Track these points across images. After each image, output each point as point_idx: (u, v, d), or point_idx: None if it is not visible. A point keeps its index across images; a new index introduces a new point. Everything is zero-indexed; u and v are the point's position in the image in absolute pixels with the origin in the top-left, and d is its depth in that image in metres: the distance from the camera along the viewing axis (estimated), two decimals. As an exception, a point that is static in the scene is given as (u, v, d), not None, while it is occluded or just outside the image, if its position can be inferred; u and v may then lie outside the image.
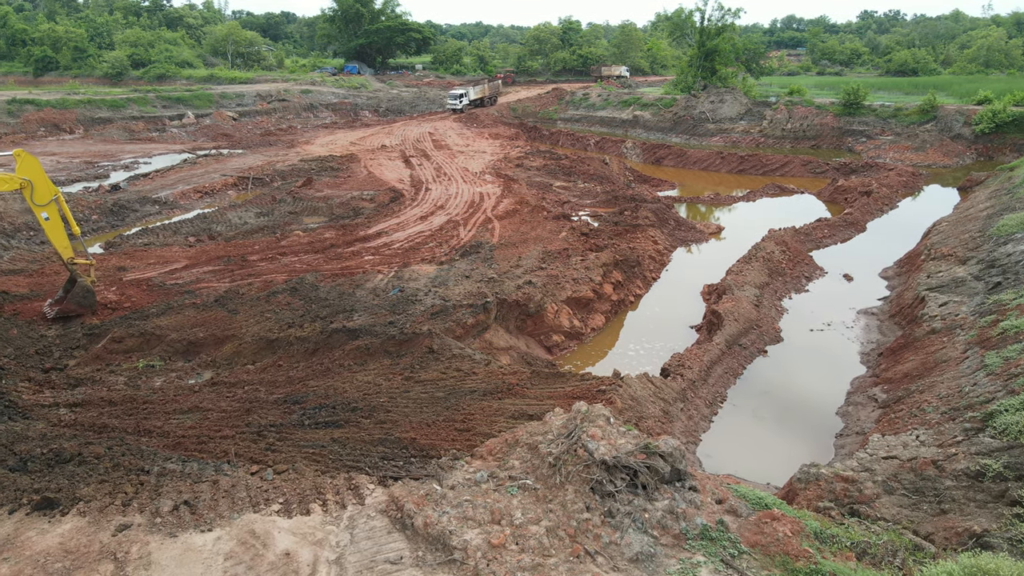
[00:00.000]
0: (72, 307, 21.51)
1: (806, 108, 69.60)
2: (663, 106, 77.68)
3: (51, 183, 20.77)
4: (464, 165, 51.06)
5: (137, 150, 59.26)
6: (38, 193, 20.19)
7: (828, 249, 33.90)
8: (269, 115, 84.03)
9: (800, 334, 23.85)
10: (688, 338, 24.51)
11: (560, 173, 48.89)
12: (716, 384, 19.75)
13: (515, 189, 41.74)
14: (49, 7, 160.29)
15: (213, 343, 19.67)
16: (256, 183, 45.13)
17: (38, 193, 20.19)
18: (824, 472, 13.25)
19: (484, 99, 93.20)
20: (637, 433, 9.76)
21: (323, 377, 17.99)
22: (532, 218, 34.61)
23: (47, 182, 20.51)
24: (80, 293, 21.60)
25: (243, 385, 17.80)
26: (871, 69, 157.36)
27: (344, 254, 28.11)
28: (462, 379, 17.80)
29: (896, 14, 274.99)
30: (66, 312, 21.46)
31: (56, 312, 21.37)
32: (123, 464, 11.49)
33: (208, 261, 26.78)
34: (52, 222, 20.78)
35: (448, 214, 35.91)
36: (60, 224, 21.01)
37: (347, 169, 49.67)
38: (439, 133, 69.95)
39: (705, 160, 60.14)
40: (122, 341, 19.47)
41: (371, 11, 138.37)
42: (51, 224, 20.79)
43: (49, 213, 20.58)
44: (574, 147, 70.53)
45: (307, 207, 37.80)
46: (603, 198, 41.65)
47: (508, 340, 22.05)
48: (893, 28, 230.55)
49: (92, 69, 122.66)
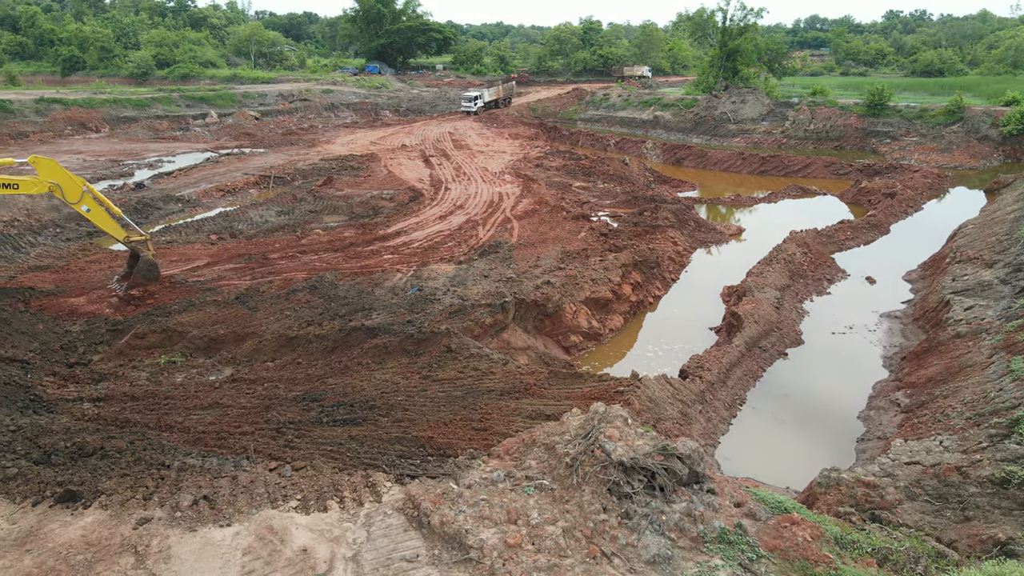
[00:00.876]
0: (139, 281, 22.66)
1: (829, 109, 68.83)
2: (684, 106, 77.23)
3: (75, 177, 21.38)
4: (484, 165, 51.12)
5: (161, 149, 59.99)
6: (68, 192, 20.87)
7: (851, 251, 33.49)
8: (291, 115, 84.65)
9: (821, 337, 23.58)
10: (707, 340, 24.33)
11: (580, 173, 48.79)
12: (735, 386, 19.58)
13: (534, 189, 41.70)
14: (77, 7, 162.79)
15: (233, 340, 19.85)
16: (277, 182, 45.50)
17: (68, 192, 20.87)
18: (845, 477, 13.09)
19: (498, 101, 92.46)
20: (655, 435, 9.69)
21: (342, 375, 18.09)
22: (551, 218, 34.56)
23: (71, 178, 21.12)
24: (144, 267, 22.79)
25: (262, 382, 17.93)
26: (896, 70, 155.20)
27: (363, 253, 28.26)
28: (480, 378, 17.81)
29: (922, 14, 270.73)
30: (134, 286, 22.49)
31: (125, 287, 22.48)
32: (144, 458, 11.63)
33: (229, 259, 27.06)
34: (94, 212, 21.68)
35: (467, 214, 35.97)
36: (102, 211, 21.91)
37: (367, 168, 49.92)
38: (459, 133, 70.08)
39: (726, 161, 59.69)
40: (145, 337, 19.70)
41: (392, 11, 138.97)
42: (94, 214, 21.69)
43: (87, 204, 21.37)
44: (594, 147, 70.32)
45: (327, 206, 38.05)
46: (623, 199, 41.49)
47: (526, 340, 22.03)
48: (919, 28, 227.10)
49: (118, 69, 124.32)
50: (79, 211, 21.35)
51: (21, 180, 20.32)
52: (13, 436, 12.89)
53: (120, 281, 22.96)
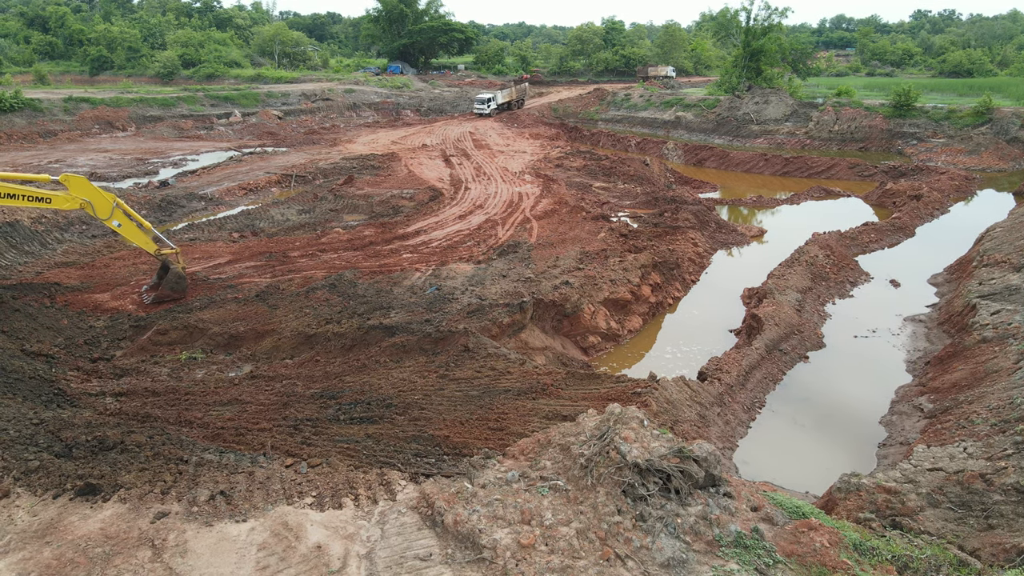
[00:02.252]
0: (167, 292, 23.00)
1: (854, 109, 68.00)
2: (706, 107, 76.71)
3: (104, 193, 21.66)
4: (504, 165, 51.13)
5: (185, 147, 60.75)
6: (99, 208, 21.16)
7: (875, 254, 33.03)
8: (313, 114, 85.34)
9: (844, 340, 23.27)
10: (727, 342, 24.12)
11: (600, 174, 48.64)
12: (755, 389, 19.39)
13: (554, 189, 41.63)
14: (105, 8, 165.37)
15: (253, 337, 20.02)
16: (299, 181, 45.87)
17: (99, 208, 21.16)
18: (865, 482, 12.88)
19: (511, 103, 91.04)
20: (671, 437, 9.60)
21: (359, 373, 18.16)
22: (571, 218, 34.47)
23: (101, 194, 21.40)
24: (173, 279, 23.07)
25: (281, 379, 18.07)
26: (924, 70, 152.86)
27: (383, 252, 28.39)
28: (496, 378, 17.79)
29: (951, 14, 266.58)
30: (161, 298, 22.90)
31: (153, 298, 22.96)
32: (163, 453, 11.74)
33: (250, 257, 27.31)
34: (125, 227, 22.00)
35: (487, 213, 35.99)
36: (132, 226, 22.26)
37: (388, 168, 50.16)
38: (479, 133, 70.19)
39: (748, 162, 59.19)
40: (166, 334, 19.94)
41: (415, 11, 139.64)
42: (125, 228, 22.02)
43: (118, 219, 21.68)
44: (615, 148, 70.07)
45: (348, 205, 38.28)
46: (643, 199, 41.28)
47: (544, 340, 21.98)
48: (948, 28, 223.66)
49: (145, 69, 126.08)
50: (110, 226, 21.66)
51: (54, 195, 20.64)
52: (36, 429, 13.09)
53: (149, 292, 23.39)
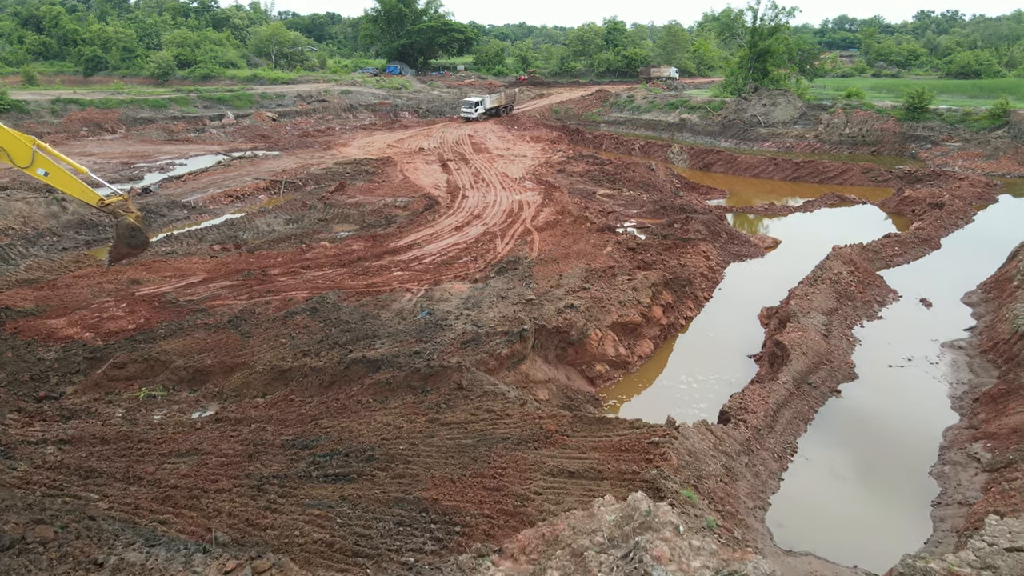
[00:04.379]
0: (123, 249, 19.88)
1: (865, 112, 65.79)
2: (712, 109, 74.45)
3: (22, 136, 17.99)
4: (503, 170, 48.99)
5: (174, 151, 58.63)
6: (15, 155, 17.54)
7: (899, 269, 30.87)
8: (309, 116, 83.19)
9: (877, 370, 21.10)
10: (747, 370, 22.00)
11: (604, 180, 46.48)
12: (784, 432, 17.23)
13: (556, 197, 39.48)
14: (101, 8, 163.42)
15: (221, 371, 17.88)
16: (288, 187, 43.73)
17: (15, 155, 17.54)
18: (935, 567, 10.73)
19: (500, 108, 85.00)
20: (714, 548, 7.46)
21: (338, 416, 16.02)
22: (574, 230, 32.30)
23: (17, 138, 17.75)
24: (126, 233, 19.43)
25: (250, 422, 15.93)
26: (930, 71, 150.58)
27: (371, 268, 26.17)
28: (493, 422, 15.66)
29: (954, 14, 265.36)
30: (117, 257, 20.19)
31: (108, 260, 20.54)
32: (72, 553, 9.46)
33: (227, 275, 25.07)
34: (54, 175, 18.15)
35: (485, 224, 33.81)
36: (63, 173, 18.34)
37: (382, 173, 48.01)
38: (479, 136, 68.03)
39: (757, 166, 57.00)
40: (124, 367, 17.81)
41: (414, 11, 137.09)
42: (54, 176, 18.16)
43: (43, 166, 17.87)
44: (618, 151, 67.91)
45: (338, 214, 36.12)
46: (650, 208, 39.14)
47: (546, 371, 19.85)
48: (952, 29, 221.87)
49: (139, 69, 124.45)
50: (36, 176, 17.98)
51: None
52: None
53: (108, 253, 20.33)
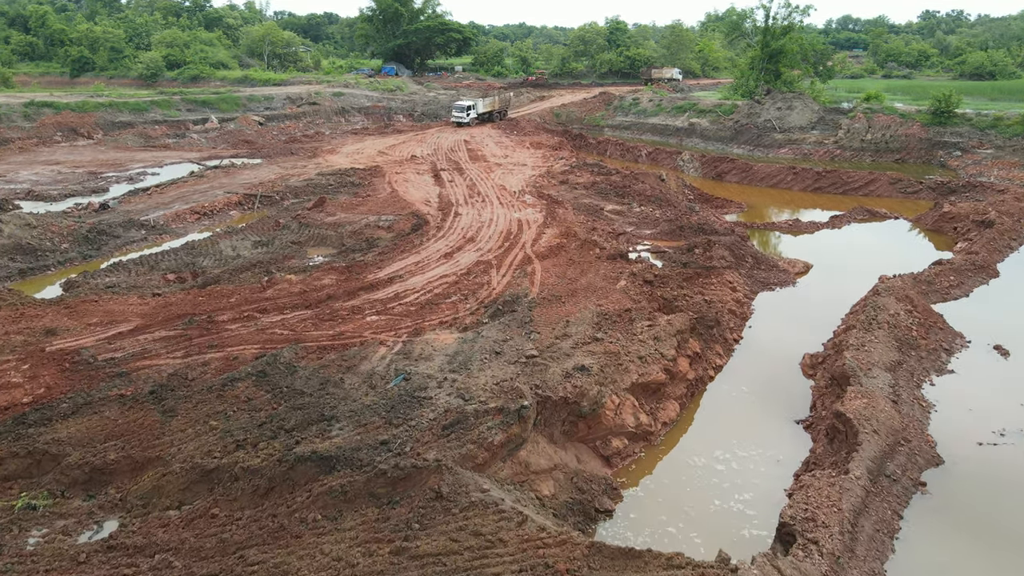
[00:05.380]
0: None
1: (888, 116, 61.57)
2: (722, 113, 70.15)
3: None
4: (501, 182, 44.83)
5: (148, 159, 54.50)
6: None
7: (958, 303, 26.68)
8: (298, 119, 79.02)
9: (965, 450, 16.87)
10: (796, 442, 17.89)
11: (611, 193, 42.30)
12: (868, 555, 13.03)
13: (560, 215, 35.33)
14: (91, 7, 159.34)
15: (128, 469, 13.71)
16: (264, 202, 39.57)
17: None
18: None
19: (493, 113, 79.41)
20: None
21: (272, 543, 11.86)
22: (581, 257, 28.13)
23: None
24: None
25: (152, 551, 11.79)
26: (941, 72, 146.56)
27: (341, 311, 21.87)
28: (482, 554, 11.54)
29: (959, 14, 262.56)
30: None
31: None
32: None
33: (165, 321, 20.72)
34: None
35: (479, 250, 29.59)
36: None
37: (368, 185, 43.84)
38: (475, 141, 63.88)
39: (774, 176, 52.79)
40: (1, 463, 13.65)
41: (410, 11, 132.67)
42: None
43: None
44: (623, 158, 63.76)
45: (314, 235, 31.95)
46: (665, 227, 34.97)
47: (551, 456, 15.70)
48: (959, 29, 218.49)
49: (127, 70, 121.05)
50: None
51: None
52: None
53: None
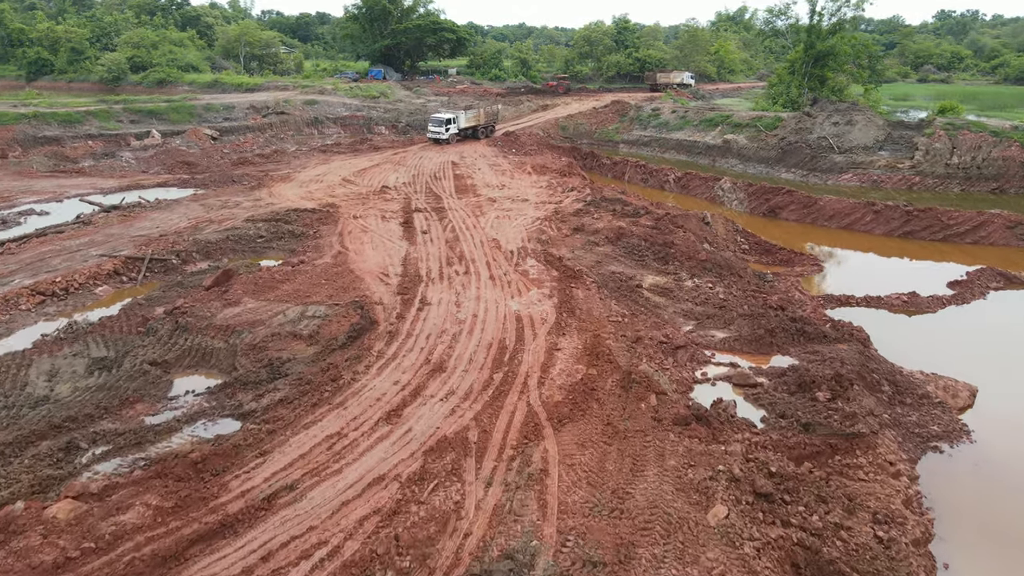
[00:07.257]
0: None
1: (976, 135, 49.48)
2: (763, 127, 58.08)
3: None
4: (495, 232, 32.87)
5: (48, 189, 42.55)
6: None
7: None
8: (261, 132, 67.14)
9: None
10: None
11: (647, 252, 30.23)
12: None
13: (580, 303, 23.40)
14: (59, 5, 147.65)
15: None
16: (155, 268, 27.69)
17: None
18: None
19: (478, 128, 65.43)
20: None
21: None
22: (626, 415, 16.08)
23: None
24: None
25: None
26: (977, 75, 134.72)
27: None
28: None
29: (975, 14, 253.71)
30: None
31: None
32: None
33: None
34: None
35: (449, 393, 17.54)
36: None
37: (312, 238, 31.89)
38: (466, 164, 51.93)
39: (847, 214, 40.83)
40: None
41: (400, 9, 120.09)
42: None
43: None
44: (646, 184, 51.92)
45: (190, 350, 20.01)
46: (739, 322, 23.00)
47: None
48: (981, 28, 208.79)
49: (88, 73, 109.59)
50: None
51: None
52: None
53: None
